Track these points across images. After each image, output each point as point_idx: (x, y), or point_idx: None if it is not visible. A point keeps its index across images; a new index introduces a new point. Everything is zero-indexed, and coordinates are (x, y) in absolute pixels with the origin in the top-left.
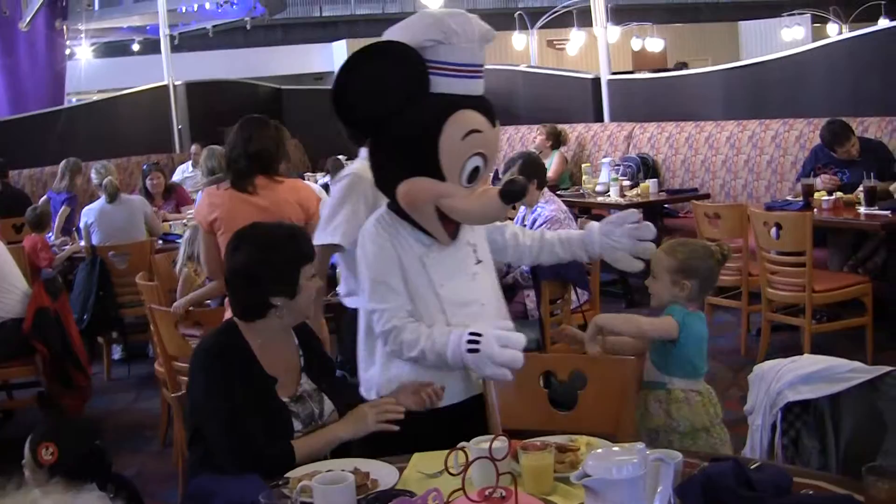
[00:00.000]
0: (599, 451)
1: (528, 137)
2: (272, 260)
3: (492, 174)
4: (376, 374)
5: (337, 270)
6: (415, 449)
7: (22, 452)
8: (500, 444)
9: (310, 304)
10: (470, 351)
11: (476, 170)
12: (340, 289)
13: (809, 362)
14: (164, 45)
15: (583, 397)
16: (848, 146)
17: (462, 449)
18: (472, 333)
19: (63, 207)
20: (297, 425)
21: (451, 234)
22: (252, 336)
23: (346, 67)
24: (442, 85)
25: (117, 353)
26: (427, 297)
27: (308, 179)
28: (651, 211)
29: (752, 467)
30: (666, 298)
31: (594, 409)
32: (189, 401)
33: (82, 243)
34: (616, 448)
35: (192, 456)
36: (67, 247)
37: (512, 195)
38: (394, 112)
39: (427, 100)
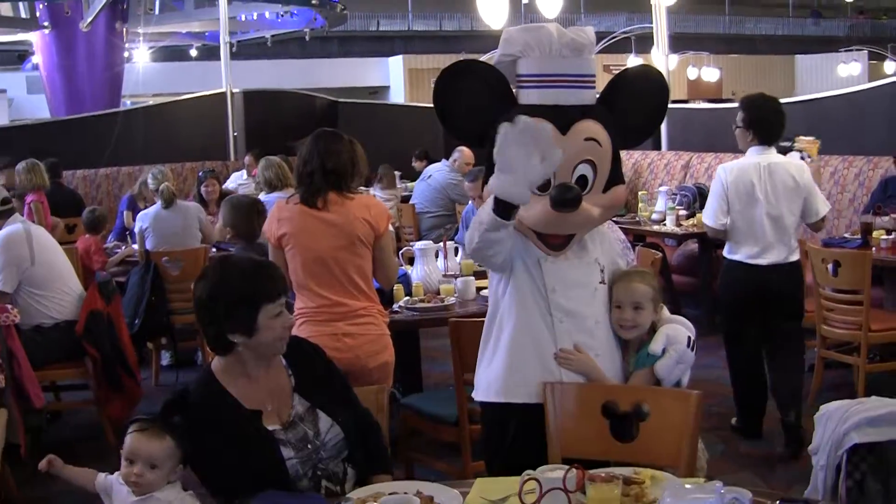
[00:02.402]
0: (674, 486)
1: None
2: (225, 297)
3: (600, 182)
4: (479, 372)
5: (395, 287)
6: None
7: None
8: (572, 474)
9: (276, 342)
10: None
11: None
12: None
13: (877, 404)
14: (224, 52)
15: (644, 428)
16: None
17: (533, 478)
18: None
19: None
20: (288, 452)
21: (551, 246)
22: (228, 374)
23: (437, 90)
24: (525, 96)
25: (166, 359)
26: (536, 297)
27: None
28: (706, 241)
29: None
30: (648, 325)
31: (655, 441)
32: None
33: (135, 247)
34: (689, 485)
35: None
36: (120, 250)
37: (559, 202)
38: (487, 128)
39: (509, 112)
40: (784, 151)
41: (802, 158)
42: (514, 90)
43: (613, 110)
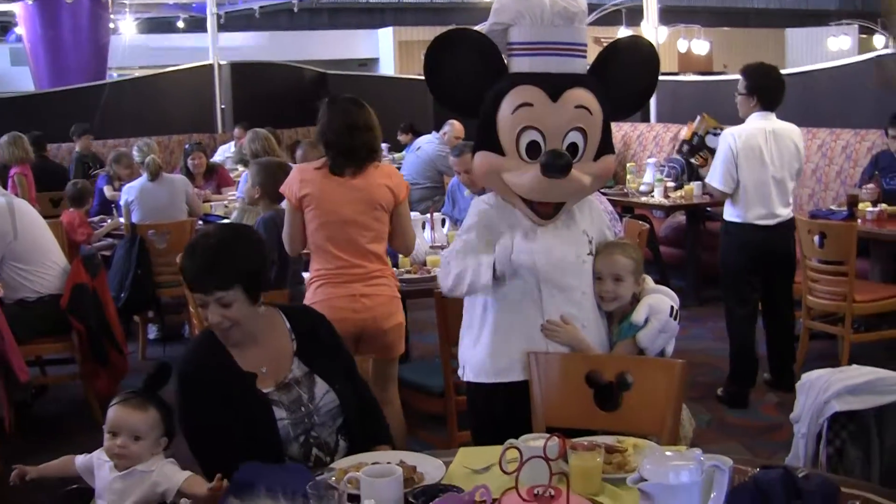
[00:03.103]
0: (655, 454)
1: None
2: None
3: (591, 151)
4: (464, 352)
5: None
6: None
7: (52, 427)
8: (553, 443)
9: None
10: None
11: (533, 145)
12: None
13: (857, 373)
14: (211, 23)
15: (628, 397)
16: None
17: (514, 447)
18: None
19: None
20: (280, 413)
21: (541, 214)
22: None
23: (428, 58)
24: (517, 65)
25: (153, 332)
26: (526, 269)
27: None
28: (694, 213)
29: (799, 476)
30: (629, 297)
31: (639, 410)
32: None
33: (121, 220)
34: (669, 452)
35: None
36: (105, 223)
37: (550, 168)
38: (479, 96)
39: (499, 81)
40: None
41: (716, 134)
42: (505, 59)
43: (604, 81)
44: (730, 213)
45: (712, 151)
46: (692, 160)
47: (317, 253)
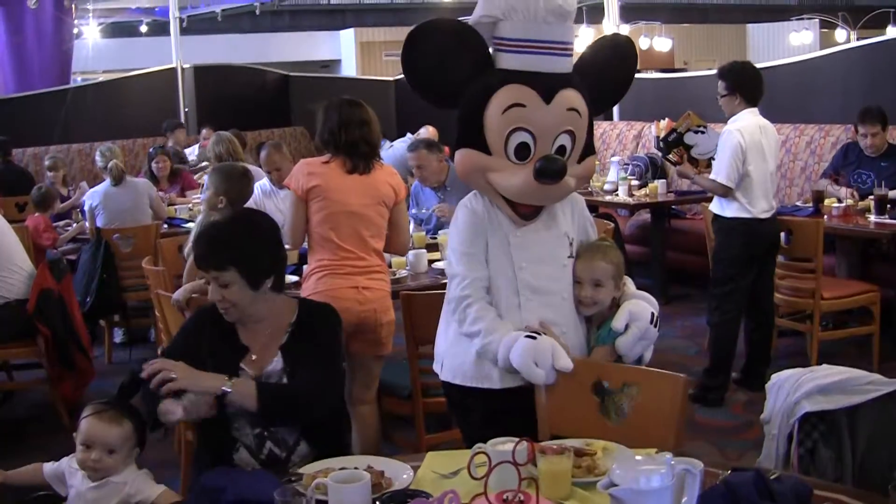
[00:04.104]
0: (625, 459)
1: None
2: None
3: (577, 152)
4: (443, 348)
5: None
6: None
7: (20, 431)
8: (522, 447)
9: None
10: (528, 337)
11: (523, 146)
12: None
13: (827, 373)
14: (174, 27)
15: (633, 409)
16: (872, 130)
17: (482, 451)
18: (531, 331)
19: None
20: None
21: (521, 215)
22: None
23: (407, 45)
24: (504, 60)
25: (119, 336)
26: (506, 275)
27: None
28: (658, 211)
29: (772, 478)
30: (608, 302)
31: (645, 423)
32: None
33: (86, 224)
34: (639, 457)
35: (199, 448)
36: (70, 228)
37: (543, 173)
38: (460, 87)
39: (485, 75)
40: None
41: (698, 132)
42: (491, 52)
43: (587, 79)
44: (733, 209)
45: (688, 148)
46: (669, 156)
47: (321, 244)
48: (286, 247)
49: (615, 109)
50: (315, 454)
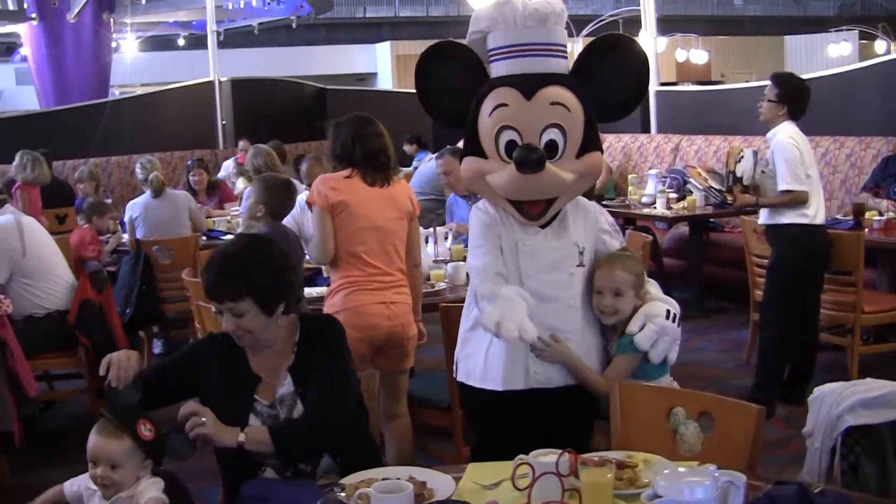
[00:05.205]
0: (669, 470)
1: None
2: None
3: (572, 148)
4: (458, 348)
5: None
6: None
7: (60, 441)
8: (565, 459)
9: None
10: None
11: (511, 144)
12: None
13: (871, 386)
14: (211, 41)
15: (706, 441)
16: None
17: (525, 462)
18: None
19: None
20: (256, 423)
21: (528, 216)
22: None
23: (417, 74)
24: (495, 70)
25: (158, 347)
26: (513, 282)
27: None
28: (696, 224)
29: (815, 491)
30: (629, 311)
31: (718, 451)
32: None
33: (125, 237)
34: (683, 468)
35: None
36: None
37: (523, 163)
38: (465, 105)
39: (480, 88)
40: None
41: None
42: (487, 67)
43: (587, 79)
44: (790, 215)
45: (739, 180)
46: (728, 202)
47: (347, 259)
48: (318, 262)
49: (652, 122)
50: (338, 467)
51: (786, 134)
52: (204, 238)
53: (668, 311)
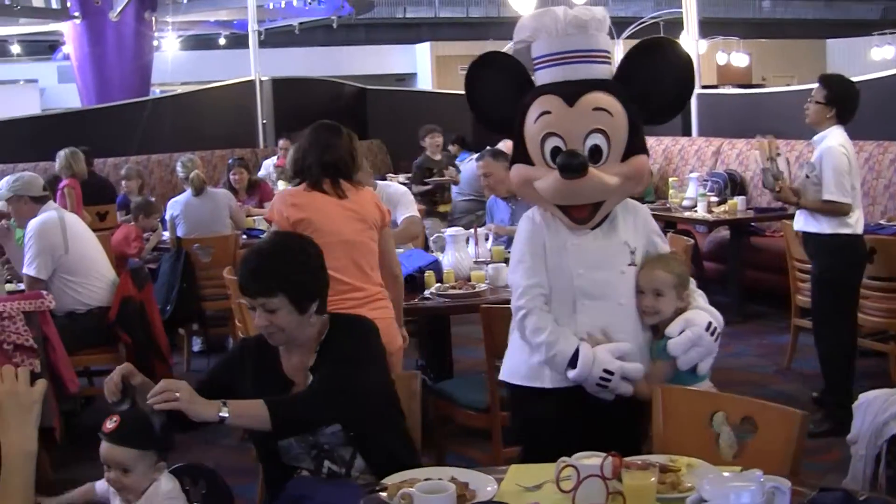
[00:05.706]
0: (713, 474)
1: None
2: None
3: (616, 152)
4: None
5: (426, 274)
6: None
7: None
8: (608, 461)
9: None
10: (599, 386)
11: (556, 150)
12: None
13: None
14: (252, 40)
15: (750, 444)
16: None
17: (569, 465)
18: (605, 371)
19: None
20: None
21: (576, 220)
22: None
23: (466, 84)
24: (541, 77)
25: (197, 344)
26: (563, 280)
27: (390, 180)
28: (737, 228)
29: (860, 499)
30: (670, 313)
31: (759, 458)
32: None
33: (166, 234)
34: (728, 473)
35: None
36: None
37: (566, 168)
38: (512, 113)
39: (525, 96)
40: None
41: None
42: (532, 76)
43: (629, 84)
44: (832, 225)
45: (780, 175)
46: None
47: None
48: None
49: (693, 125)
50: (372, 468)
51: (837, 141)
52: (244, 237)
53: (710, 324)
